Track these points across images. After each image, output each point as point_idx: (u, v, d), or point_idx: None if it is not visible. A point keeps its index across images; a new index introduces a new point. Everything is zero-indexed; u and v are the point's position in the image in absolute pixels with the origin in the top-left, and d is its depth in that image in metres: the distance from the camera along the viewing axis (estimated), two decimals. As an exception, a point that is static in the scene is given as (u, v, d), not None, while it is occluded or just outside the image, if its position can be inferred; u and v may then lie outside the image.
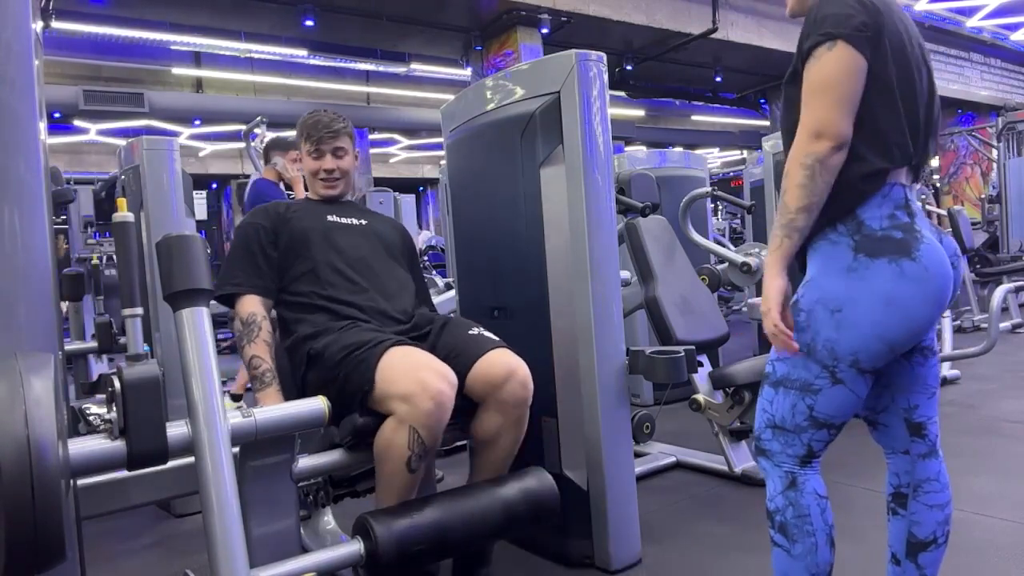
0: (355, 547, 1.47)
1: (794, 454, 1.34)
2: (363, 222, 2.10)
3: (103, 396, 1.31)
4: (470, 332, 1.86)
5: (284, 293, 1.96)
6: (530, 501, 1.66)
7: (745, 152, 14.90)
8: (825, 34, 1.24)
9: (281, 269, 1.97)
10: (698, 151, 13.08)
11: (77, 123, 10.05)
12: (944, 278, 1.28)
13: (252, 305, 1.90)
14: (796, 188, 1.25)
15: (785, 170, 1.28)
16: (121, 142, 3.59)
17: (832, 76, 1.24)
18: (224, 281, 1.93)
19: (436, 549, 1.54)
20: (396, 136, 12.94)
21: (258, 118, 5.61)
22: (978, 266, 6.32)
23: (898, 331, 1.28)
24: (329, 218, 2.05)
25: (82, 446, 1.21)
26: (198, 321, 1.40)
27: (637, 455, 2.94)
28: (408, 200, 6.85)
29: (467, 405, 1.79)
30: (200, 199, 14.51)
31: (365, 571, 1.49)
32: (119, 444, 1.22)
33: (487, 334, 1.86)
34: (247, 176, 7.53)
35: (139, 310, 1.65)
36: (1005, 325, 4.32)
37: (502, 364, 1.75)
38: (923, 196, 8.45)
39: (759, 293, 4.49)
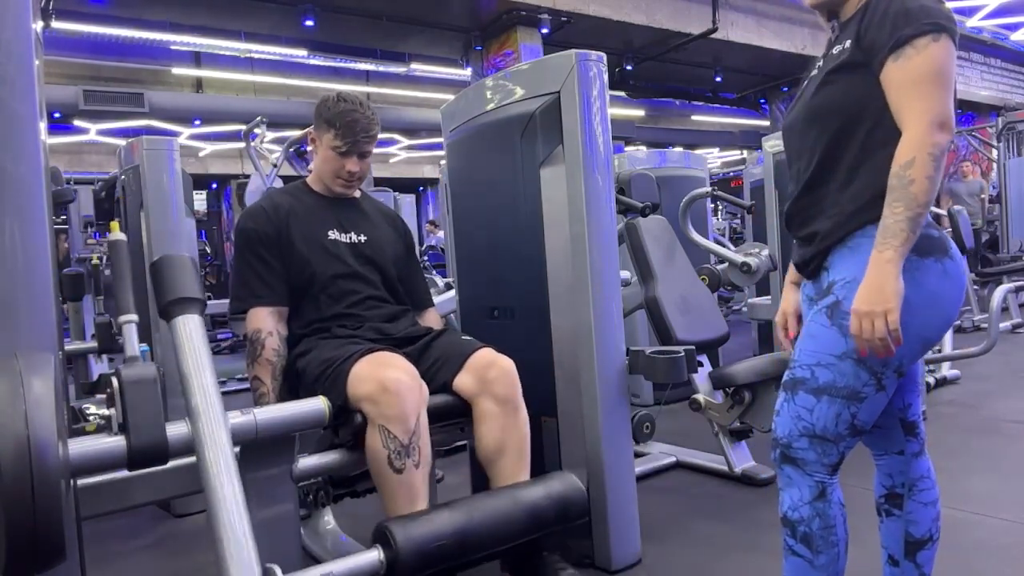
0: (374, 555, 1.41)
1: (828, 463, 1.30)
2: (362, 238, 2.02)
3: (103, 396, 1.31)
4: (462, 338, 1.91)
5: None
6: (556, 503, 1.61)
7: (745, 152, 14.90)
8: (933, 24, 1.20)
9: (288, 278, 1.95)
10: (698, 151, 13.08)
11: (77, 123, 10.05)
12: (966, 277, 1.30)
13: (257, 320, 1.89)
14: (926, 180, 1.17)
15: (904, 159, 1.18)
16: (121, 142, 3.59)
17: (944, 67, 1.20)
18: (235, 293, 1.95)
19: (459, 555, 1.47)
20: (396, 136, 12.93)
21: (258, 118, 5.61)
22: (978, 266, 6.32)
23: (937, 331, 1.28)
24: (331, 235, 1.98)
25: (82, 446, 1.21)
26: (191, 327, 1.40)
27: (637, 455, 2.93)
28: (408, 200, 6.85)
29: (461, 405, 1.80)
30: (200, 199, 14.51)
31: None
32: (119, 443, 1.22)
33: (475, 341, 1.89)
34: (247, 176, 7.52)
35: (134, 317, 1.68)
36: (1005, 325, 4.32)
37: (485, 356, 1.80)
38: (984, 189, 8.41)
39: (759, 293, 4.50)
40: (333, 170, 1.99)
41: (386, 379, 1.61)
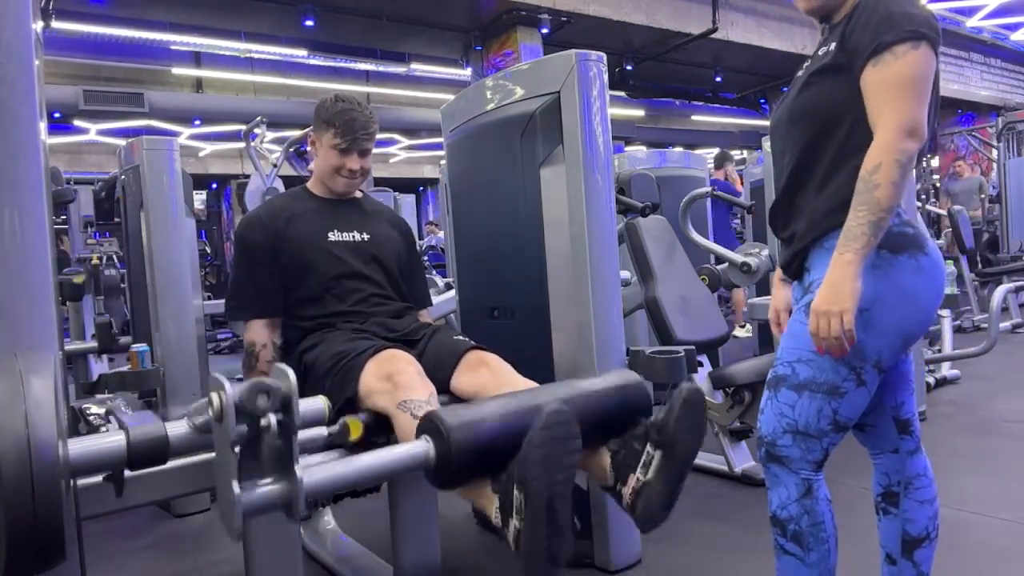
0: (421, 446, 1.26)
1: (813, 460, 1.31)
2: (365, 237, 2.03)
3: (103, 396, 1.31)
4: (452, 337, 1.90)
5: (284, 316, 1.97)
6: (616, 390, 1.46)
7: (745, 152, 14.89)
8: (914, 32, 1.21)
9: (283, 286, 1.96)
10: (698, 151, 13.07)
11: (77, 123, 10.04)
12: (944, 273, 1.32)
13: (253, 332, 1.93)
14: (891, 186, 1.19)
15: (872, 164, 1.21)
16: (121, 142, 3.59)
17: (921, 75, 1.22)
18: (230, 303, 2.00)
19: (515, 447, 1.25)
20: (396, 136, 12.93)
21: (258, 118, 5.62)
22: (978, 266, 6.32)
23: (916, 327, 1.30)
24: (330, 236, 1.99)
25: (82, 446, 1.21)
26: None
27: (637, 455, 2.93)
28: (408, 200, 6.84)
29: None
30: (199, 199, 14.52)
31: (432, 475, 1.27)
32: (120, 443, 1.22)
33: (467, 339, 1.89)
34: (247, 176, 7.52)
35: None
36: (1005, 325, 4.31)
37: (475, 358, 1.79)
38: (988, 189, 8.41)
39: (759, 293, 4.50)
40: (334, 168, 2.00)
41: (393, 371, 1.62)
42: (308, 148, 2.09)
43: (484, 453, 1.26)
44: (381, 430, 1.61)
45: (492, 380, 1.74)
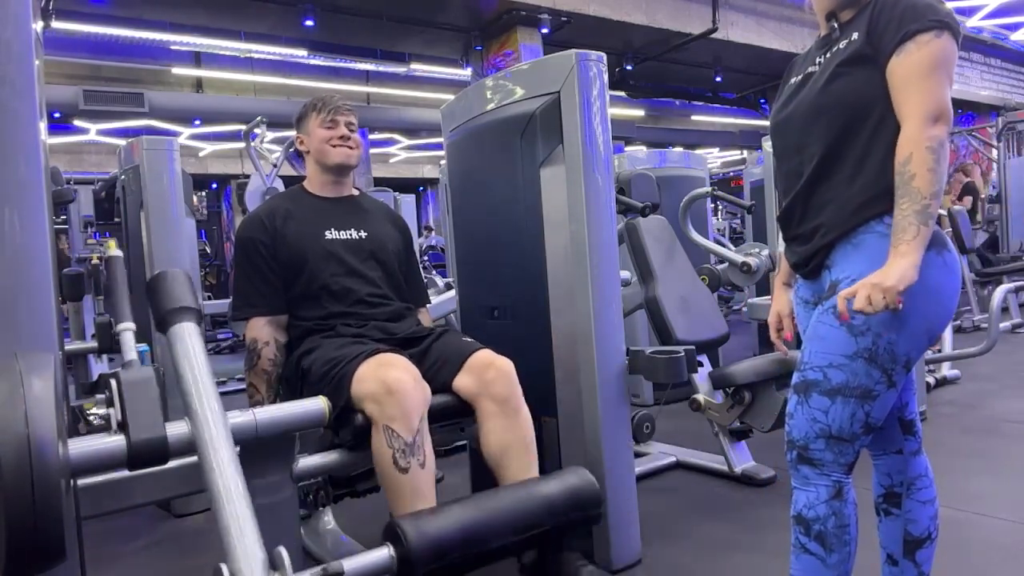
0: (384, 553, 1.36)
1: (845, 462, 1.31)
2: (362, 235, 2.05)
3: (102, 396, 1.32)
4: (462, 339, 1.92)
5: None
6: (569, 496, 1.56)
7: (745, 152, 14.90)
8: (937, 22, 1.23)
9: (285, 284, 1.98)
10: (698, 151, 13.07)
11: (77, 123, 10.06)
12: (960, 269, 1.32)
13: (255, 330, 1.94)
14: (928, 173, 1.19)
15: (903, 156, 1.22)
16: (121, 142, 3.59)
17: (943, 61, 1.23)
18: (235, 303, 2.01)
19: (472, 550, 1.42)
20: (396, 136, 12.95)
21: (258, 118, 5.62)
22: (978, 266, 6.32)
23: (939, 324, 1.29)
24: (327, 235, 2.00)
25: (82, 446, 1.21)
26: (186, 335, 1.42)
27: (637, 455, 2.94)
28: (408, 200, 6.84)
29: (461, 405, 1.81)
30: (198, 198, 14.53)
31: None
32: (119, 443, 1.22)
33: (476, 342, 1.91)
34: (247, 176, 7.52)
35: (131, 325, 1.84)
36: (1005, 325, 4.31)
37: (484, 357, 1.81)
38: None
39: (759, 293, 4.50)
40: (326, 139, 2.04)
41: (388, 379, 1.61)
42: (298, 148, 2.12)
43: (444, 563, 1.37)
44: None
45: (499, 379, 1.78)
